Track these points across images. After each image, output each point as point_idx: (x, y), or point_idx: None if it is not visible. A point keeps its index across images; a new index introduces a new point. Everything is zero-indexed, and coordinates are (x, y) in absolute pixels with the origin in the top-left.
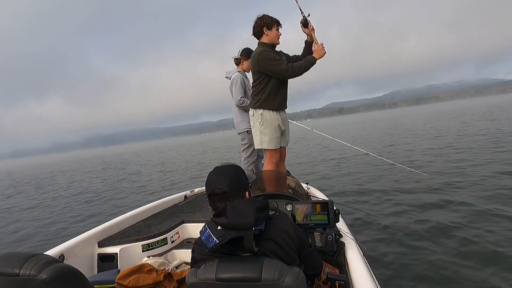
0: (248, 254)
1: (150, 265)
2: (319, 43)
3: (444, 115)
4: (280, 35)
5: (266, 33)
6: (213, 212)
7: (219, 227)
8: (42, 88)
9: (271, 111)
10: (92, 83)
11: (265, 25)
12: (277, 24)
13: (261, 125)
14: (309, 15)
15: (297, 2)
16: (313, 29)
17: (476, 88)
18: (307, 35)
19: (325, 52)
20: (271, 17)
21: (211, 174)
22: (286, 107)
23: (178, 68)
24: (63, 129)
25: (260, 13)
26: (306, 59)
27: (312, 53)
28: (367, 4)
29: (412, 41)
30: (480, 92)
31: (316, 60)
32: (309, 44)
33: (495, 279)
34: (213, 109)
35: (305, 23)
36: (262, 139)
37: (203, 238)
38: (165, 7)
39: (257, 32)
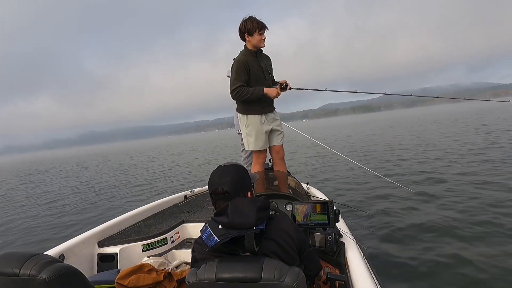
0: (248, 254)
1: (150, 265)
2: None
3: (437, 117)
4: (264, 38)
5: (248, 39)
6: (214, 211)
7: (220, 226)
8: (35, 86)
9: (256, 115)
10: (85, 81)
11: (245, 31)
12: (259, 28)
13: (247, 127)
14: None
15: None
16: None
17: (470, 91)
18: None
19: (277, 95)
20: (254, 22)
21: (214, 173)
22: (273, 109)
23: (172, 67)
24: (57, 126)
25: (247, 15)
26: (256, 89)
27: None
28: (358, 7)
29: (404, 45)
30: (474, 96)
31: (263, 93)
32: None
33: (494, 280)
34: (209, 108)
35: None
36: (249, 141)
37: (203, 237)
38: (158, 5)
39: (241, 37)
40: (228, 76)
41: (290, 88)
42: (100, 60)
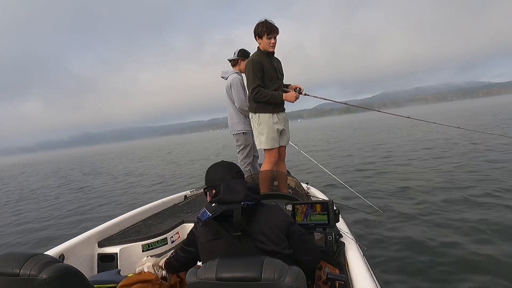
0: (238, 233)
1: (153, 274)
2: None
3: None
4: (273, 43)
5: (258, 41)
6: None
7: (213, 204)
8: (23, 89)
9: (267, 114)
10: (76, 83)
11: (256, 34)
12: (268, 33)
13: (259, 126)
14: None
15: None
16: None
17: (463, 91)
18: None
19: (296, 99)
20: (264, 26)
21: (221, 165)
22: (283, 109)
23: (165, 68)
24: (49, 128)
25: (263, 18)
26: (275, 94)
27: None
28: (343, 10)
29: (397, 46)
30: (467, 95)
31: (282, 98)
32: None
33: (493, 281)
34: (204, 108)
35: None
36: (260, 140)
37: (199, 215)
38: (147, 5)
39: (254, 38)
40: (222, 77)
41: (305, 94)
42: (90, 62)
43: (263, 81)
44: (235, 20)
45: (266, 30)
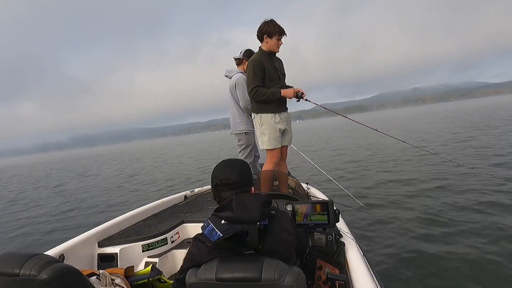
0: (250, 251)
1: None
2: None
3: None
4: (281, 44)
5: (266, 40)
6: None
7: (223, 221)
8: (20, 90)
9: (269, 114)
10: (75, 85)
11: (266, 32)
12: (279, 33)
13: (261, 126)
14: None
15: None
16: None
17: (461, 91)
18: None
19: (294, 95)
20: (275, 26)
21: (219, 165)
22: (286, 109)
23: (163, 69)
24: (47, 129)
25: (268, 17)
26: (274, 91)
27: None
28: (340, 11)
29: (393, 47)
30: (465, 95)
31: (281, 95)
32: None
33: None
34: (202, 110)
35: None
36: (263, 140)
37: (206, 232)
38: (144, 6)
39: (259, 37)
40: (226, 76)
41: (306, 100)
42: (87, 64)
43: (263, 82)
44: (233, 21)
45: (278, 30)
